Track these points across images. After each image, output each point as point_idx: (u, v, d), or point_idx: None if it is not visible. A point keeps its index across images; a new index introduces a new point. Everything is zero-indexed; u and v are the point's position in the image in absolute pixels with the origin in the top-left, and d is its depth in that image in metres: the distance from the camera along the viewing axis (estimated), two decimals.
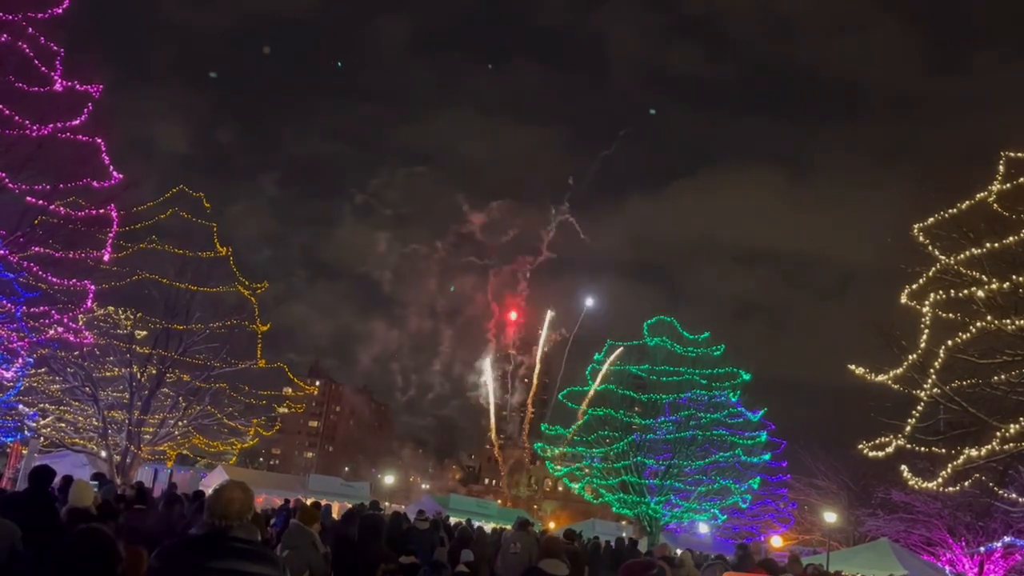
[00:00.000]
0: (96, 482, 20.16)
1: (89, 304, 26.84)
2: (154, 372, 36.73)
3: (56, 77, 24.07)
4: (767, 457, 45.92)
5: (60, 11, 24.18)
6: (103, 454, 36.48)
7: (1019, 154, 22.78)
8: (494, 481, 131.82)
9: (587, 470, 47.82)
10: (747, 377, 45.14)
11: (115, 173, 24.95)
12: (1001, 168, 22.75)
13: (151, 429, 37.23)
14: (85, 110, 24.57)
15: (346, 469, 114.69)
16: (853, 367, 24.20)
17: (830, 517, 39.17)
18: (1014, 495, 26.06)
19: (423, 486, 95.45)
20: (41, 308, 25.83)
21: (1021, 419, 20.48)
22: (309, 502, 22.42)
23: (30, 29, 23.83)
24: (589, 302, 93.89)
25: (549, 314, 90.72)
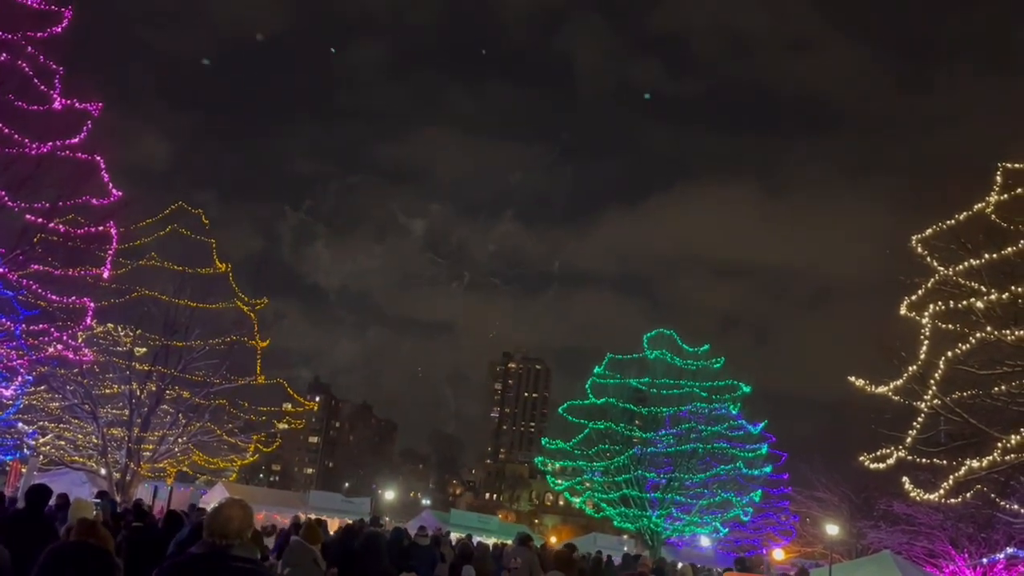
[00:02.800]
0: (98, 500, 20.10)
1: (88, 322, 26.83)
2: (154, 389, 36.64)
3: (55, 95, 24.17)
4: (768, 470, 45.82)
5: (59, 30, 24.30)
6: (103, 472, 36.36)
7: (1017, 165, 22.84)
8: (495, 496, 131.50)
9: (588, 484, 47.71)
10: (747, 389, 45.13)
11: (114, 191, 25.02)
12: (999, 179, 22.81)
13: (151, 446, 37.13)
14: (84, 128, 24.66)
15: (346, 485, 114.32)
16: (853, 379, 24.18)
17: (832, 529, 38.98)
18: (1016, 506, 25.97)
19: (424, 501, 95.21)
20: (40, 326, 25.83)
21: (1022, 430, 20.44)
22: (311, 518, 22.34)
23: (29, 48, 23.94)
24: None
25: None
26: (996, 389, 22.35)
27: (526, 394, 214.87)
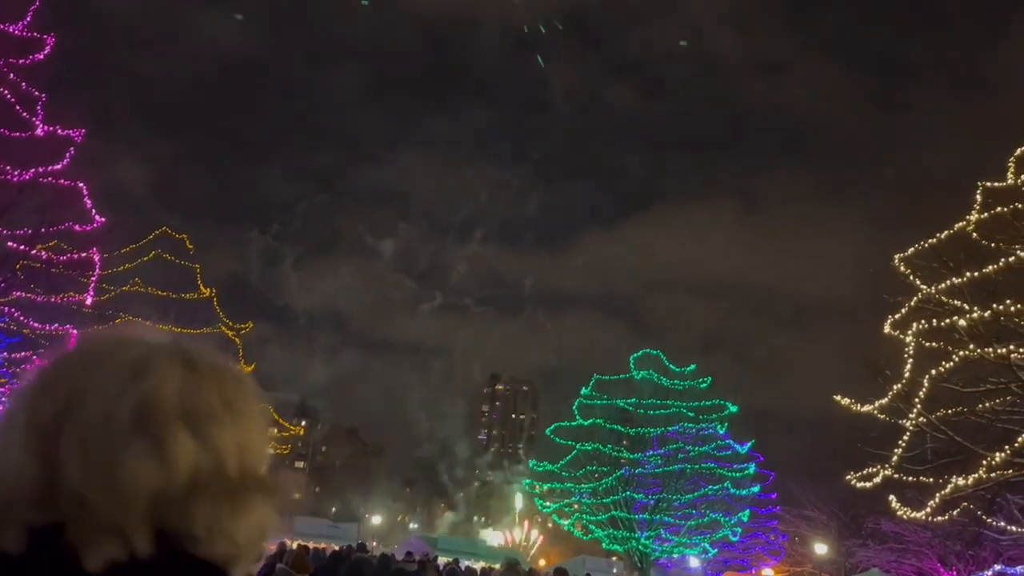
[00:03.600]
0: None
1: None
2: None
3: (38, 122, 24.12)
4: (756, 489, 45.80)
5: (42, 57, 24.28)
6: None
7: (996, 183, 23.09)
8: (482, 517, 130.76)
9: (576, 506, 47.54)
10: (734, 409, 45.14)
11: (97, 217, 24.93)
12: (978, 198, 23.04)
13: None
14: (67, 154, 24.60)
15: (333, 510, 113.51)
16: (838, 397, 24.30)
17: (821, 548, 39.05)
18: (1003, 523, 26.05)
19: (411, 525, 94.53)
20: (23, 354, 25.62)
21: (1007, 447, 20.56)
22: (295, 545, 22.17)
23: (11, 75, 23.91)
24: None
25: None
26: (980, 406, 22.50)
27: (513, 415, 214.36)
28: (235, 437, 1.17)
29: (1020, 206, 21.85)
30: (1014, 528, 26.04)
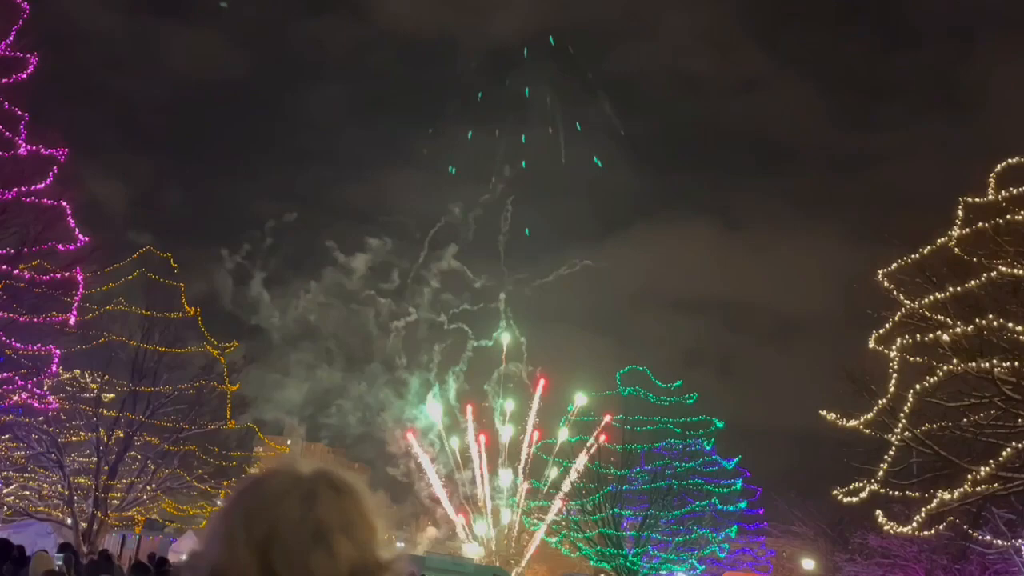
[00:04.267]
0: (60, 553, 19.68)
1: (54, 369, 26.43)
2: (121, 435, 36.03)
3: (20, 141, 23.99)
4: (743, 505, 45.82)
5: (24, 76, 24.21)
6: (69, 522, 35.59)
7: (977, 199, 23.27)
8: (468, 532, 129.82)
9: (564, 523, 47.41)
10: (720, 425, 45.24)
11: (80, 236, 24.79)
12: (960, 213, 23.21)
13: (119, 494, 36.41)
14: (51, 173, 24.48)
15: None
16: (824, 413, 24.36)
17: (808, 564, 39.06)
18: (989, 537, 26.14)
19: (398, 544, 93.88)
20: (5, 374, 25.40)
21: (992, 461, 20.64)
22: None
23: None
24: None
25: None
26: (965, 420, 22.61)
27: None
28: (371, 536, 1.89)
29: (1001, 222, 22.01)
30: (1000, 542, 26.14)
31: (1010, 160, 23.25)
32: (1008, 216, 21.98)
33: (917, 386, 21.55)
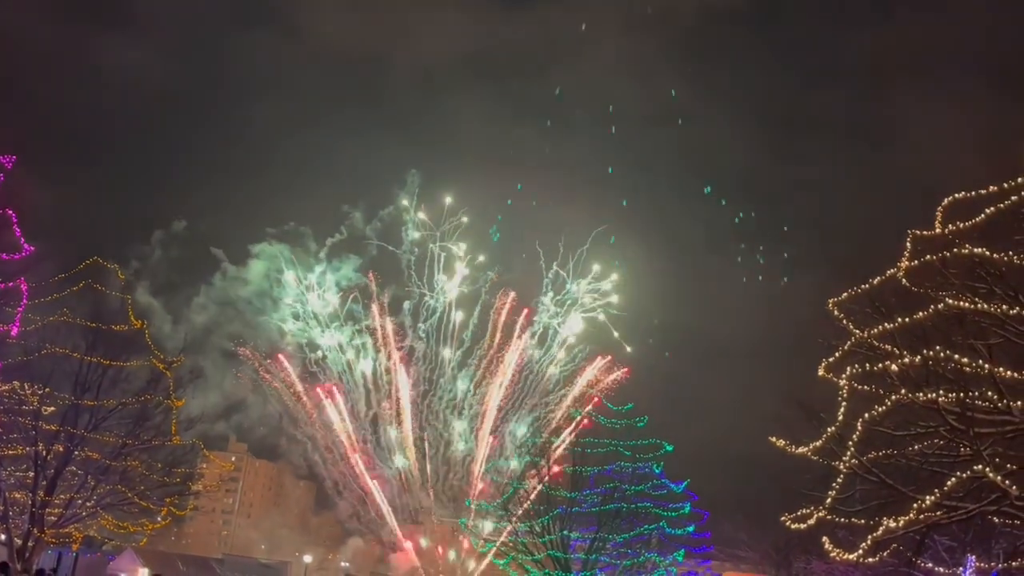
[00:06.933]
0: None
1: None
2: (61, 450, 35.10)
3: None
4: (691, 529, 46.04)
5: None
6: (2, 538, 34.52)
7: (925, 232, 23.73)
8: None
9: (512, 545, 47.19)
10: (670, 448, 45.48)
11: (27, 246, 24.26)
12: (908, 245, 23.66)
13: (56, 511, 35.42)
14: None
15: (263, 547, 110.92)
16: (774, 439, 24.65)
17: None
18: (930, 564, 26.59)
19: (342, 564, 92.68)
20: None
21: (936, 490, 20.98)
22: None
23: None
24: None
25: None
26: (910, 449, 23.00)
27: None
28: None
29: (948, 255, 22.46)
30: (941, 569, 26.62)
31: (956, 195, 23.74)
32: (955, 249, 22.44)
33: (866, 415, 21.89)
